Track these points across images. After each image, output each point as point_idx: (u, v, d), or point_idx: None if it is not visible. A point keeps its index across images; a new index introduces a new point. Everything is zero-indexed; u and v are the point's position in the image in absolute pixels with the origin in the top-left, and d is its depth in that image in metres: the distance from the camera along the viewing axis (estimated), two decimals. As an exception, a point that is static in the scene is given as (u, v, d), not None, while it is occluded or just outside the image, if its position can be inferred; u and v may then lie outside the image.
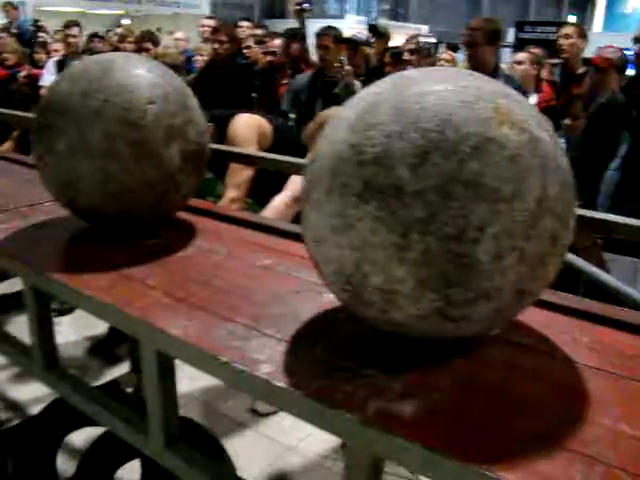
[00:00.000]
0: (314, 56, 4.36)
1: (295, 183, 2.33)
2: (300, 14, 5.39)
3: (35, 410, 2.71)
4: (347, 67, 3.67)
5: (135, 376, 2.49)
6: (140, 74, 1.56)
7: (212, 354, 1.06)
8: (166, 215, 1.70)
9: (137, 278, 1.38)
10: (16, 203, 1.97)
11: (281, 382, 0.99)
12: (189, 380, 2.27)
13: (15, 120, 3.31)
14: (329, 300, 1.21)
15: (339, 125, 1.03)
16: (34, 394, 2.70)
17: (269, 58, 4.52)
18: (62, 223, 1.73)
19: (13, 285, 3.57)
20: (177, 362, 1.21)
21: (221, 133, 2.59)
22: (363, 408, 0.94)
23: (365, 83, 3.74)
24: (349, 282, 1.01)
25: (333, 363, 1.05)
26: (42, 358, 1.56)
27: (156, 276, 1.39)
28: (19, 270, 1.50)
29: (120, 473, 2.12)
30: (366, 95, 1.05)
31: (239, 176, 2.57)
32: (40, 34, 7.83)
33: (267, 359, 1.05)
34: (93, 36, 6.57)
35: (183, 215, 1.81)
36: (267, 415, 2.81)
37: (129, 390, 2.51)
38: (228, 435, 2.61)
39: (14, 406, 2.83)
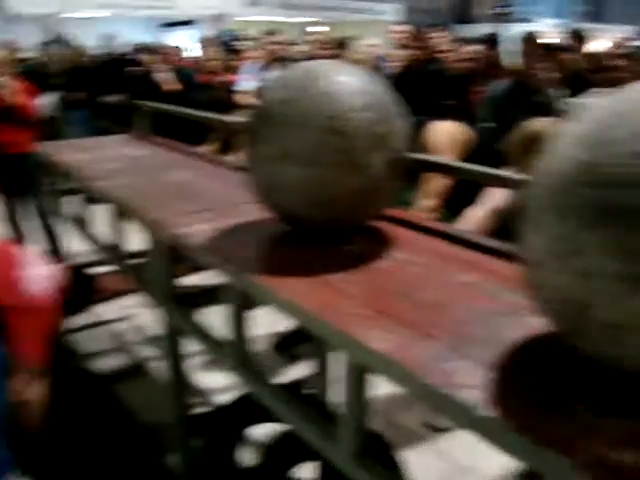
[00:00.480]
0: (507, 62, 4.19)
1: (493, 195, 2.23)
2: (499, 18, 5.21)
3: (222, 398, 2.85)
4: (550, 75, 3.47)
5: (319, 379, 2.53)
6: (344, 81, 1.57)
7: (415, 374, 1.03)
8: (363, 223, 1.70)
9: (335, 285, 1.38)
10: (221, 204, 2.08)
11: (488, 412, 0.93)
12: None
13: (217, 123, 3.51)
14: (537, 325, 1.12)
15: (566, 140, 0.95)
16: (223, 382, 2.83)
17: (463, 64, 4.41)
18: (263, 225, 1.79)
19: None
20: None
21: (412, 140, 2.54)
22: (579, 451, 0.85)
23: (571, 92, 3.53)
24: (570, 311, 0.93)
25: (545, 397, 0.97)
26: (236, 355, 1.61)
27: (353, 284, 1.39)
28: (225, 270, 1.56)
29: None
30: (598, 108, 0.95)
31: (436, 184, 2.51)
32: (238, 42, 8.30)
33: (472, 385, 0.99)
34: (289, 44, 6.83)
35: (375, 222, 1.79)
36: (443, 430, 2.73)
37: (312, 391, 2.56)
38: (402, 447, 2.56)
39: (204, 392, 2.99)
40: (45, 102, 6.59)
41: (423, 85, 3.99)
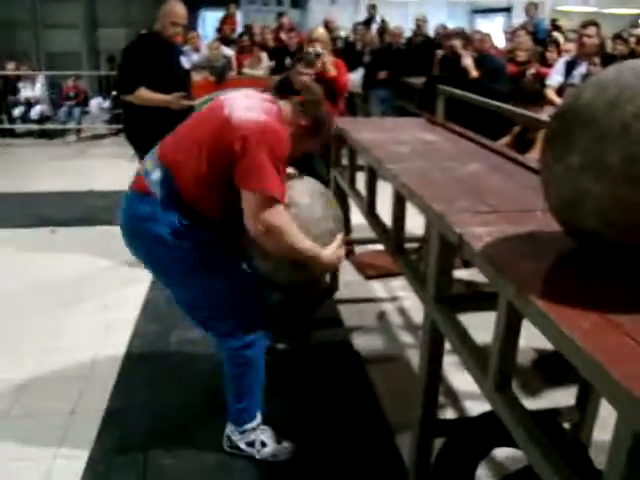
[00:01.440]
0: None
1: None
2: None
3: (472, 405, 2.74)
4: None
5: (578, 413, 2.28)
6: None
7: None
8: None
9: (626, 330, 1.16)
10: (508, 206, 1.93)
11: None
12: None
13: (518, 118, 3.31)
14: None
15: None
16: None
17: None
18: (552, 238, 1.61)
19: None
20: None
21: None
22: None
23: None
24: None
25: None
26: (497, 377, 1.48)
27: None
28: (498, 283, 1.43)
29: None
30: None
31: None
32: (554, 33, 7.84)
33: None
34: (616, 37, 6.25)
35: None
36: None
37: (567, 425, 2.32)
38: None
39: (453, 394, 2.89)
40: (351, 78, 6.93)
41: None
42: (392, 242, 2.52)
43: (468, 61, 5.28)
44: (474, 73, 5.23)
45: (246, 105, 2.10)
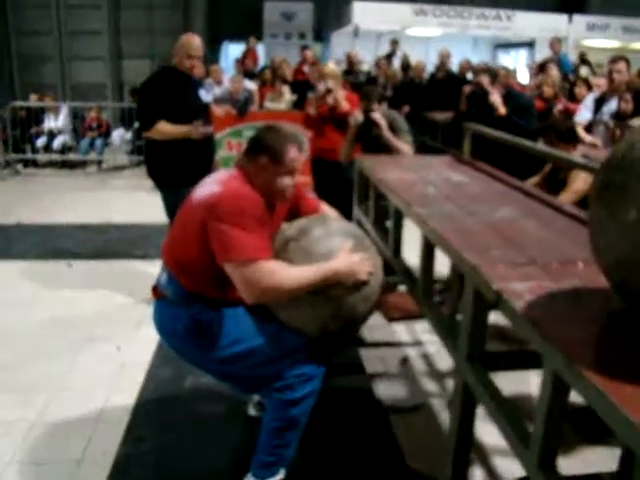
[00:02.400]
0: None
1: None
2: None
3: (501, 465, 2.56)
4: None
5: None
6: None
7: None
8: None
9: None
10: (546, 256, 1.79)
11: None
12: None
13: (548, 157, 3.18)
14: None
15: None
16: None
17: None
18: (598, 296, 1.47)
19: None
20: None
21: None
22: None
23: None
24: None
25: None
26: (538, 453, 1.33)
27: None
28: (545, 351, 1.29)
29: None
30: None
31: None
32: (583, 68, 7.74)
33: None
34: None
35: None
36: None
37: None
38: None
39: (483, 449, 2.72)
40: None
41: None
42: (420, 290, 2.39)
43: (496, 98, 5.17)
44: (502, 110, 5.12)
45: (202, 184, 2.19)
